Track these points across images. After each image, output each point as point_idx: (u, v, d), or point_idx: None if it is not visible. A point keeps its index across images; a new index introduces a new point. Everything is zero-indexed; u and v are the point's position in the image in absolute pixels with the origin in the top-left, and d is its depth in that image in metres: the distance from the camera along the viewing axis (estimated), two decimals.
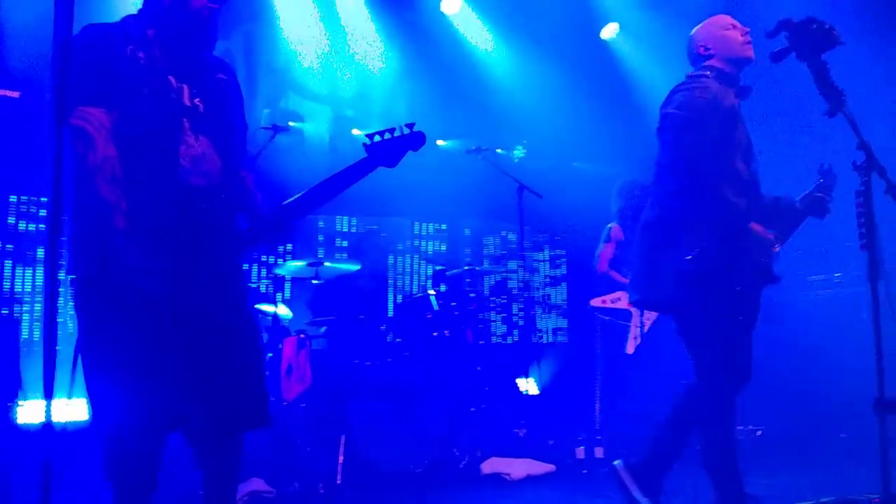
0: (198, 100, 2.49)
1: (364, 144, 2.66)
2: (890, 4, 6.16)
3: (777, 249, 3.14)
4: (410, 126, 2.68)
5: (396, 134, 2.66)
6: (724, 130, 3.10)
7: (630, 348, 5.57)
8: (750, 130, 3.25)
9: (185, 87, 2.47)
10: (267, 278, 6.22)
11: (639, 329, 5.52)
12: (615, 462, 3.23)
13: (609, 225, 5.91)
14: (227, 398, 2.40)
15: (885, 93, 5.90)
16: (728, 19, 3.31)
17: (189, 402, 2.39)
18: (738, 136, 3.14)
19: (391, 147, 2.66)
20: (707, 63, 3.23)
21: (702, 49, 3.28)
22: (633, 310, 5.55)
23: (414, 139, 2.69)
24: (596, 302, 5.82)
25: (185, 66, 2.49)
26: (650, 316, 5.51)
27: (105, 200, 2.27)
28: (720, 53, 3.23)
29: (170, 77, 2.43)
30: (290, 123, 6.54)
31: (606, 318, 5.78)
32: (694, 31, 3.36)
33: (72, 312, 2.40)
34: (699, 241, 3.00)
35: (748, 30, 3.25)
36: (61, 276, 2.34)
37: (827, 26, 2.80)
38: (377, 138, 2.65)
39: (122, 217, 2.26)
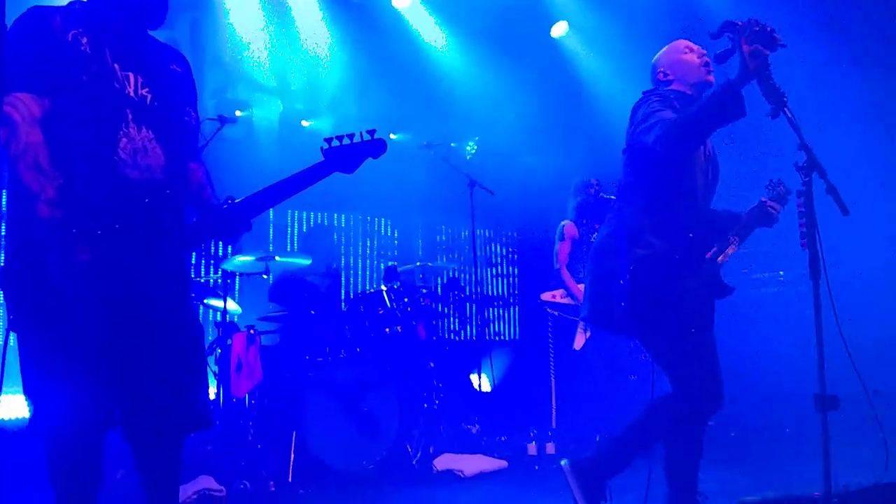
0: (145, 90, 2.40)
1: (321, 149, 2.60)
2: (831, 6, 6.32)
3: (723, 260, 3.18)
4: (371, 133, 2.63)
5: (356, 140, 2.61)
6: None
7: (578, 344, 5.63)
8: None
9: (131, 75, 2.38)
10: (216, 273, 6.13)
11: (587, 325, 5.58)
12: (562, 462, 3.24)
13: (562, 223, 5.95)
14: (167, 398, 2.35)
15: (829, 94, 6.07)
16: (684, 43, 3.36)
17: (126, 401, 2.32)
18: (696, 154, 3.19)
19: (349, 153, 2.61)
20: (667, 89, 3.27)
21: (661, 75, 3.34)
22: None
23: (374, 146, 2.63)
24: (546, 296, 5.87)
25: (133, 55, 2.42)
26: None
27: (26, 188, 2.17)
28: (679, 77, 3.29)
29: (115, 65, 2.35)
30: (238, 113, 6.46)
31: (556, 313, 5.83)
32: (654, 57, 3.41)
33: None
34: (637, 261, 3.05)
35: (704, 52, 3.30)
36: None
37: (769, 28, 2.85)
38: (335, 143, 2.60)
39: (44, 206, 2.16)
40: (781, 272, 5.94)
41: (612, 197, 5.37)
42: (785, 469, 4.46)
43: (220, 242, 6.22)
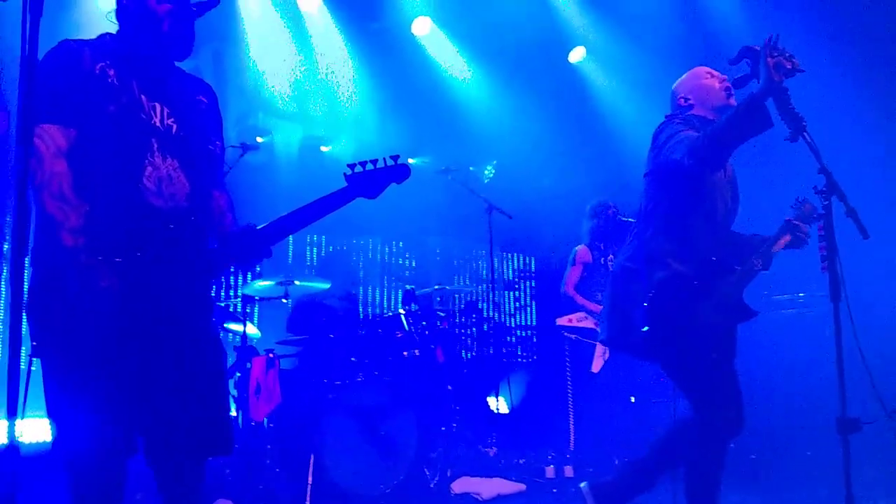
0: (171, 120, 2.45)
1: (344, 174, 2.60)
2: (852, 32, 6.33)
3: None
4: (395, 158, 2.62)
5: (379, 165, 2.61)
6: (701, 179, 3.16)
7: (596, 367, 5.62)
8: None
9: (157, 105, 2.43)
10: (235, 297, 6.18)
11: (605, 348, 5.57)
12: (581, 484, 3.23)
13: (576, 248, 5.97)
14: (189, 423, 2.36)
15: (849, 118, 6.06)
16: (704, 69, 3.40)
17: (149, 425, 2.35)
18: (718, 176, 3.20)
19: (373, 178, 2.60)
20: (689, 113, 3.29)
21: (682, 100, 3.36)
22: (598, 329, 5.60)
23: (398, 171, 2.63)
24: (562, 321, 5.87)
25: (160, 86, 2.46)
26: None
27: (50, 217, 2.22)
28: (700, 102, 3.31)
29: (142, 96, 2.40)
30: (259, 139, 6.54)
31: (573, 336, 5.82)
32: (675, 84, 3.44)
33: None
34: (657, 284, 3.05)
35: (725, 77, 3.32)
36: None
37: (788, 54, 2.88)
38: (358, 168, 2.60)
39: (68, 234, 2.21)
40: (801, 294, 5.90)
41: (630, 220, 5.39)
42: (806, 491, 4.41)
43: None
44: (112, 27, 2.51)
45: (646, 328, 3.03)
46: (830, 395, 2.78)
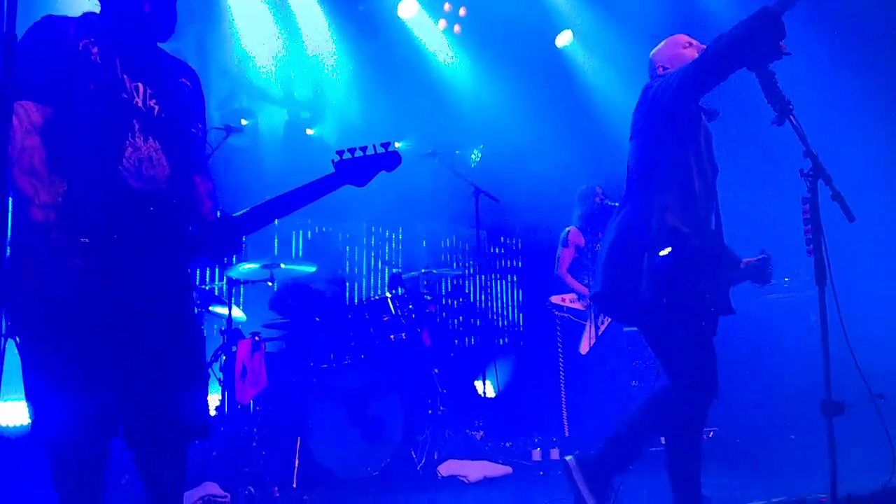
0: (153, 101, 2.42)
1: (332, 161, 2.58)
2: (839, 17, 6.33)
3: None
4: (385, 145, 2.60)
5: (369, 152, 2.59)
6: (687, 134, 3.15)
7: (584, 348, 5.63)
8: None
9: (140, 86, 2.40)
10: (220, 280, 6.15)
11: (595, 330, 5.58)
12: (567, 457, 3.22)
13: (567, 229, 5.96)
14: (166, 406, 2.34)
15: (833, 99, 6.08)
16: (685, 38, 3.35)
17: (127, 408, 2.32)
18: (699, 148, 3.19)
19: (361, 165, 2.58)
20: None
21: (660, 69, 3.32)
22: (590, 311, 5.62)
23: (387, 159, 2.60)
24: (556, 299, 5.87)
25: (143, 67, 2.43)
26: (606, 319, 5.58)
27: (21, 192, 2.18)
28: None
29: (124, 76, 2.37)
30: (243, 122, 6.49)
31: (565, 315, 5.83)
32: (653, 50, 3.40)
33: None
34: (655, 233, 3.04)
35: (704, 47, 3.30)
36: None
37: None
38: (347, 155, 2.58)
39: (37, 210, 2.18)
40: (786, 279, 5.94)
41: (616, 204, 5.38)
42: (791, 474, 4.45)
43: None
44: (95, 6, 2.46)
45: (668, 250, 2.99)
46: (815, 379, 2.79)
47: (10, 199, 2.23)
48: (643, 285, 3.02)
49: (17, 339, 2.24)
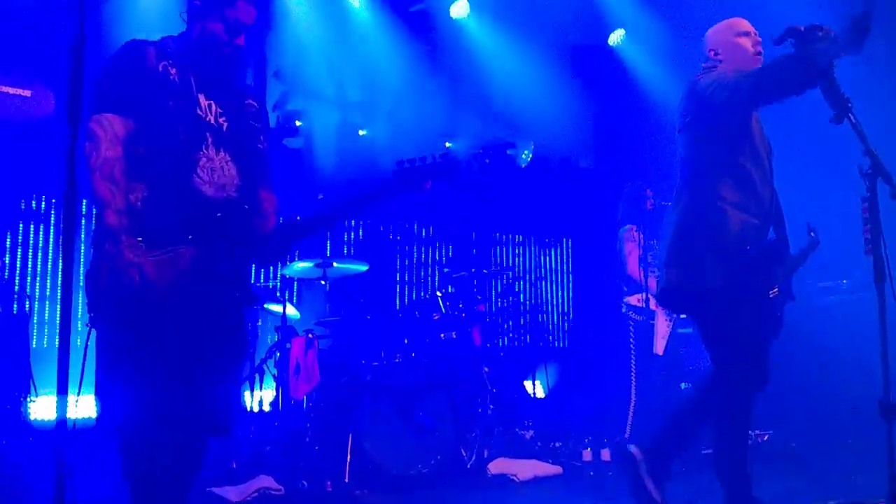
0: (223, 119, 2.63)
1: (392, 171, 2.63)
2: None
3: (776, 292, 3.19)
4: (444, 155, 2.63)
5: (428, 161, 2.63)
6: (742, 128, 3.15)
7: (659, 349, 5.57)
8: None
9: (213, 104, 2.62)
10: (275, 279, 6.26)
11: (668, 327, 5.53)
12: (630, 446, 3.25)
13: (625, 226, 5.91)
14: (202, 403, 2.49)
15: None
16: (743, 25, 3.31)
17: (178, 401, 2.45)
18: (753, 139, 3.18)
19: (420, 175, 2.62)
20: (719, 68, 3.25)
21: (712, 53, 3.30)
22: (658, 309, 5.56)
23: (446, 167, 2.61)
24: (632, 300, 5.82)
25: (214, 88, 2.64)
26: (672, 317, 5.55)
27: (100, 198, 2.38)
28: (728, 60, 3.25)
29: (199, 95, 2.59)
30: (297, 123, 6.60)
31: (640, 317, 5.76)
32: (710, 31, 3.37)
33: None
34: (745, 235, 3.07)
35: (760, 41, 3.26)
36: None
37: (833, 34, 2.82)
38: (406, 165, 2.64)
39: (113, 214, 2.37)
40: (844, 280, 5.81)
41: (669, 203, 5.33)
42: (848, 478, 4.36)
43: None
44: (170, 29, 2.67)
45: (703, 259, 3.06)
46: (872, 383, 2.74)
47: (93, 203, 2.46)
48: (717, 277, 3.05)
49: (96, 328, 2.41)
